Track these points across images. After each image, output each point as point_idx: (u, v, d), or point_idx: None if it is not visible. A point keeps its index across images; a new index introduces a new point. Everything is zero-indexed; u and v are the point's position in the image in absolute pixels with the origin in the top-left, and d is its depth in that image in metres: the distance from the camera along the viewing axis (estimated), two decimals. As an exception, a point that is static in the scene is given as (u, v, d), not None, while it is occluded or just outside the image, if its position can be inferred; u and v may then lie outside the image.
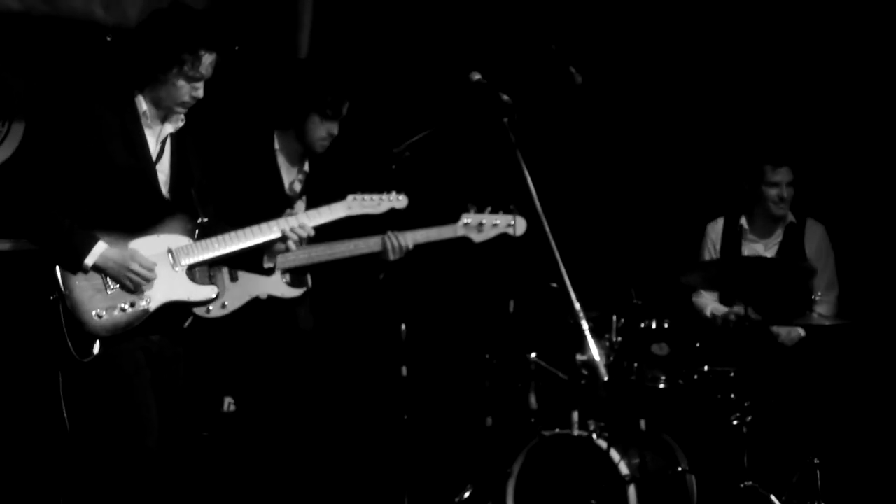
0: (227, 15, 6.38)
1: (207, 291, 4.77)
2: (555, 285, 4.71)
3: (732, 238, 6.74)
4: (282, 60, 6.73)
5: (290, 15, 6.87)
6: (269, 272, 5.01)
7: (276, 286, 5.72)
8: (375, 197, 5.16)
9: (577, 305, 4.50)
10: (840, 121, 7.13)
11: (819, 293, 6.37)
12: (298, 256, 5.51)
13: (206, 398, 6.01)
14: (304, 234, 4.84)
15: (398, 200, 5.22)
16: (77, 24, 6.32)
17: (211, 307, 5.53)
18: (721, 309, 6.62)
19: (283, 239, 4.83)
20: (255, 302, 5.70)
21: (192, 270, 4.75)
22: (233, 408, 6.07)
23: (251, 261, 4.91)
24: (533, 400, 6.32)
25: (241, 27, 6.31)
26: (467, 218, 5.71)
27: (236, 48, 4.80)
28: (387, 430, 6.71)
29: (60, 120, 4.67)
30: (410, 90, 7.00)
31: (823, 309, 6.36)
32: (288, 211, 4.97)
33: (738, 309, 6.37)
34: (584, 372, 6.12)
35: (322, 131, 5.76)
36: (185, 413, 4.84)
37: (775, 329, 6.51)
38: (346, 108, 5.78)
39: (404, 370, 6.24)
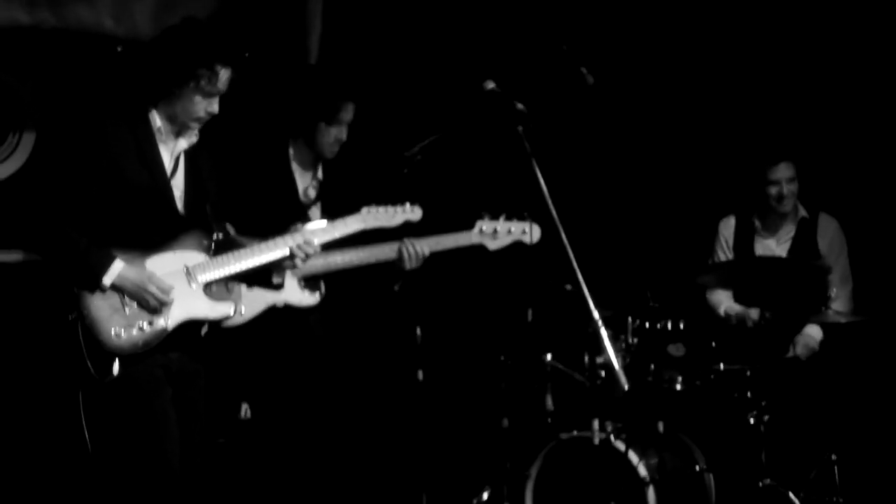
0: (234, 21, 6.37)
1: (225, 308, 4.75)
2: (569, 287, 4.71)
3: (745, 235, 6.71)
4: (292, 66, 6.70)
5: (299, 19, 6.83)
6: (279, 287, 4.99)
7: (293, 294, 5.69)
8: (390, 209, 5.14)
9: (596, 314, 4.49)
10: (852, 115, 7.10)
11: (834, 289, 6.34)
12: (315, 263, 5.48)
13: (222, 405, 6.00)
14: (310, 250, 4.82)
15: (412, 212, 5.20)
16: (87, 36, 6.30)
17: (228, 314, 5.53)
18: (735, 307, 6.60)
19: (291, 256, 4.81)
20: (272, 309, 5.69)
21: (208, 287, 4.73)
22: (249, 414, 6.06)
23: (260, 277, 4.88)
24: (549, 401, 6.32)
25: (249, 33, 6.30)
26: (482, 225, 5.66)
27: (246, 55, 4.77)
28: (404, 434, 6.71)
29: (72, 136, 4.65)
30: (423, 93, 6.97)
31: (839, 305, 6.34)
32: (295, 226, 4.95)
33: (754, 314, 6.37)
34: (601, 373, 6.12)
35: (329, 137, 5.74)
36: (205, 429, 4.83)
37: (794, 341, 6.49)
38: (351, 113, 5.75)
39: (420, 374, 6.24)
